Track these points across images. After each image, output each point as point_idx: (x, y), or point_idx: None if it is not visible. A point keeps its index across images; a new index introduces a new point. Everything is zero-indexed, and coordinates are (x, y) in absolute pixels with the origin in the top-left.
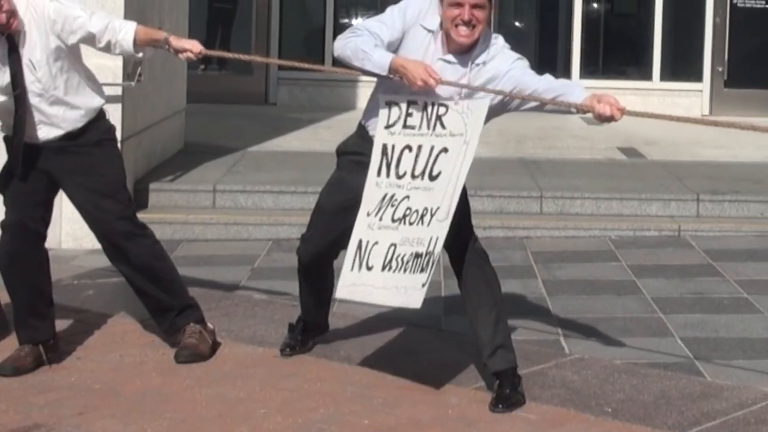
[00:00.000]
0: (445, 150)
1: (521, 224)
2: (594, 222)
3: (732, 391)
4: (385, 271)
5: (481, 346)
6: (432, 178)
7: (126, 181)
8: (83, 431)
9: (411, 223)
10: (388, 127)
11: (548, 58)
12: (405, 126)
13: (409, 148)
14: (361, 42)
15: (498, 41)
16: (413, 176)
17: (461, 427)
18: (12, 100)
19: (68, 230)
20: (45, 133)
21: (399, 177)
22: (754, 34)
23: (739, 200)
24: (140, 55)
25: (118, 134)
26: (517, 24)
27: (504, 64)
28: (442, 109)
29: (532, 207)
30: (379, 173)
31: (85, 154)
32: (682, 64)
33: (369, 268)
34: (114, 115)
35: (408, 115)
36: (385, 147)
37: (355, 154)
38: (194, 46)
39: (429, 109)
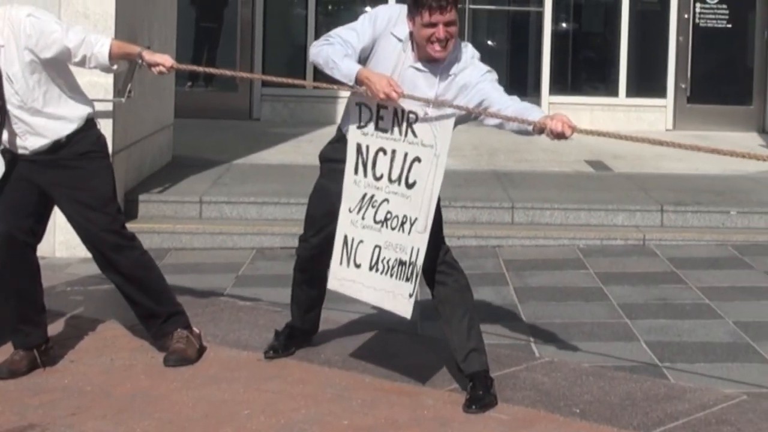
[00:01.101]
0: (418, 159)
1: (493, 234)
2: (563, 231)
3: (694, 392)
4: (372, 272)
5: (455, 350)
6: (408, 186)
7: (115, 194)
8: (76, 431)
9: (393, 228)
10: (360, 127)
11: (519, 76)
12: (377, 128)
13: (383, 151)
14: (332, 51)
15: (467, 50)
16: (390, 180)
17: (436, 427)
18: None
19: (62, 239)
20: (32, 142)
21: (376, 179)
22: (716, 52)
23: (701, 211)
24: (115, 67)
25: (109, 148)
26: (489, 43)
27: (474, 76)
28: (412, 116)
29: (504, 217)
30: (356, 171)
31: (73, 168)
32: (647, 81)
33: (357, 266)
34: (105, 129)
35: (379, 118)
36: (359, 146)
37: (335, 161)
38: (166, 61)
39: (399, 114)
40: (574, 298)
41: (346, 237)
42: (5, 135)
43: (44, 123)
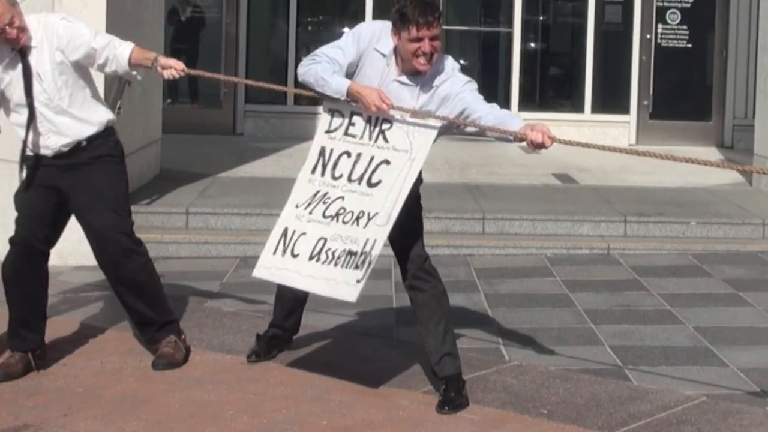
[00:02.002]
0: (386, 162)
1: (465, 243)
2: (531, 241)
3: (656, 394)
4: (312, 261)
5: (429, 354)
6: (371, 185)
7: (128, 198)
8: (68, 431)
9: (345, 222)
10: (328, 131)
11: (490, 93)
12: (346, 134)
13: (347, 153)
14: (321, 69)
15: (448, 62)
16: (350, 180)
17: (411, 427)
18: (26, 109)
19: (55, 248)
20: (54, 141)
21: (334, 178)
22: (676, 70)
23: (663, 221)
24: (134, 73)
25: None
26: (461, 61)
27: (455, 86)
28: (386, 125)
29: (475, 228)
30: (313, 171)
31: (91, 170)
32: (611, 98)
33: (294, 255)
34: None
35: (351, 124)
36: (323, 149)
37: None
38: (177, 64)
39: (373, 122)
40: (542, 304)
41: (286, 229)
42: (30, 134)
43: (67, 122)
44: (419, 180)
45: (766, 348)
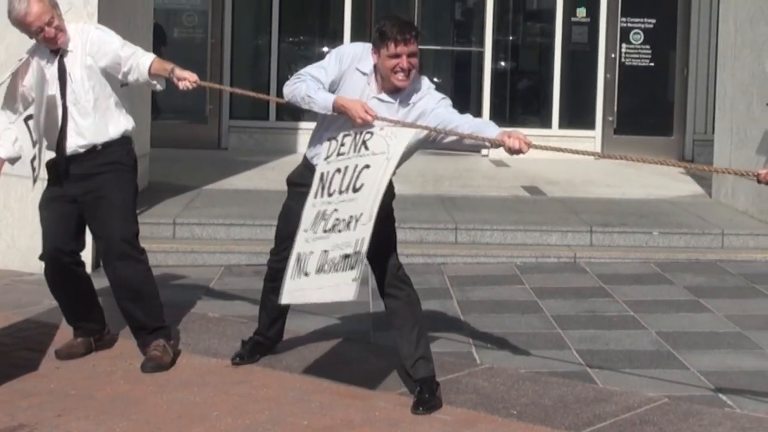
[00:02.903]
0: (367, 166)
1: (439, 252)
2: (502, 250)
3: (620, 396)
4: (320, 274)
5: (404, 358)
6: (355, 190)
7: (135, 205)
8: (62, 431)
9: (340, 231)
10: (326, 158)
11: (462, 109)
12: (338, 154)
13: (338, 170)
14: (306, 88)
15: (424, 82)
16: (340, 192)
17: (387, 427)
18: (60, 109)
19: None
20: (73, 141)
21: (329, 195)
22: (640, 88)
23: (627, 231)
24: (154, 82)
25: None
26: (435, 80)
27: (430, 103)
28: (368, 136)
29: (448, 237)
30: (315, 196)
31: (101, 178)
32: (577, 114)
33: (306, 275)
34: None
35: (341, 145)
36: (322, 175)
37: (301, 186)
38: (191, 76)
39: (357, 137)
40: (512, 310)
41: (299, 254)
42: (58, 135)
43: (88, 125)
44: (392, 195)
45: (724, 352)
